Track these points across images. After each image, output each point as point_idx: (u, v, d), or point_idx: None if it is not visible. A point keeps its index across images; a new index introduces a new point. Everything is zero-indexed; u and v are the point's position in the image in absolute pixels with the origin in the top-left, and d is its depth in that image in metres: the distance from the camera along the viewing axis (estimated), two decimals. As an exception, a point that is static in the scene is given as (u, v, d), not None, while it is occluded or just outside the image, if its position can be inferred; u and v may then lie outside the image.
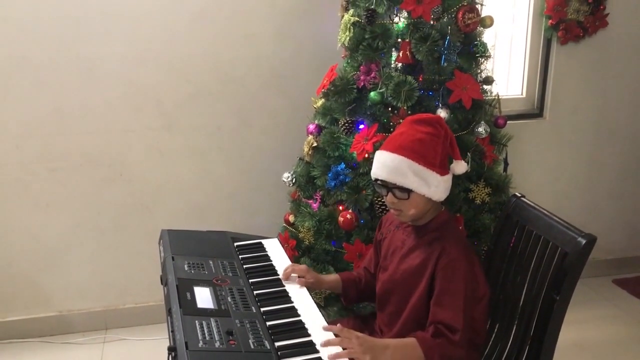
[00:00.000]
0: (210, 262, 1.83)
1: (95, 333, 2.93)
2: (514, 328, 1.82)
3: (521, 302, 1.80)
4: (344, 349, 1.47)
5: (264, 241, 2.08)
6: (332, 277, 1.96)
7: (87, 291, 2.94)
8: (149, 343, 2.84)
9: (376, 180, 1.71)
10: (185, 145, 2.86)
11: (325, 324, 1.59)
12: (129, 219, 2.89)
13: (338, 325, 1.52)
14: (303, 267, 1.85)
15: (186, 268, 1.77)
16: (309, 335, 1.53)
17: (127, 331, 2.94)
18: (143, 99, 2.77)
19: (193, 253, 1.88)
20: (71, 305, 2.94)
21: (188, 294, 1.61)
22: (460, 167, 1.75)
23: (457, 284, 1.60)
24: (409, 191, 1.64)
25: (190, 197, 2.93)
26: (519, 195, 1.92)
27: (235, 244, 2.03)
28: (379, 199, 2.24)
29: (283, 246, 2.09)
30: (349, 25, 2.33)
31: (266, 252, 2.00)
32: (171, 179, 2.89)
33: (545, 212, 1.79)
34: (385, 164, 1.65)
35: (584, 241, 1.62)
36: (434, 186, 1.63)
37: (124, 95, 2.74)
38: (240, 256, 1.94)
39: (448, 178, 1.69)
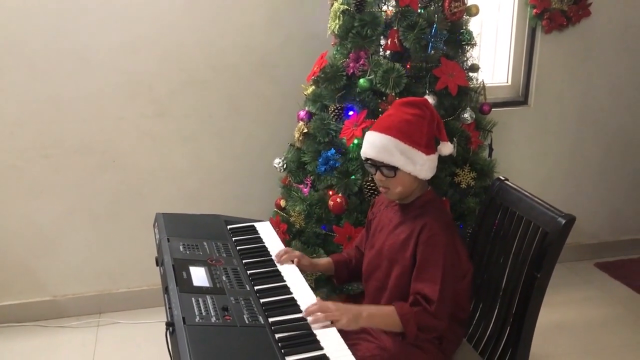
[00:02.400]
0: (205, 244, 1.89)
1: (89, 317, 2.97)
2: (497, 306, 1.88)
3: (504, 281, 1.87)
4: None
5: (256, 224, 2.14)
6: (325, 260, 2.03)
7: (81, 276, 2.98)
8: (142, 326, 2.89)
9: (366, 159, 1.78)
10: (178, 132, 2.90)
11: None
12: (123, 205, 2.93)
13: (317, 299, 1.62)
14: (296, 253, 1.92)
15: (181, 249, 1.83)
16: (301, 312, 1.59)
17: (121, 315, 2.99)
18: (136, 87, 2.80)
19: (188, 235, 1.93)
20: (65, 290, 2.98)
21: (184, 273, 1.67)
22: (446, 148, 1.82)
23: (437, 257, 1.67)
24: (395, 169, 1.71)
25: (182, 183, 2.98)
26: (503, 178, 1.99)
27: (229, 226, 2.09)
28: (368, 183, 2.30)
29: (274, 229, 2.14)
30: (338, 13, 2.38)
31: (259, 234, 2.06)
32: (164, 166, 2.93)
33: (527, 194, 1.86)
34: (373, 144, 1.72)
35: (563, 221, 1.68)
36: (419, 164, 1.71)
37: (117, 83, 2.77)
38: (233, 238, 2.00)
39: (433, 157, 1.76)
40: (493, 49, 3.24)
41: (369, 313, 1.66)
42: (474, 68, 2.49)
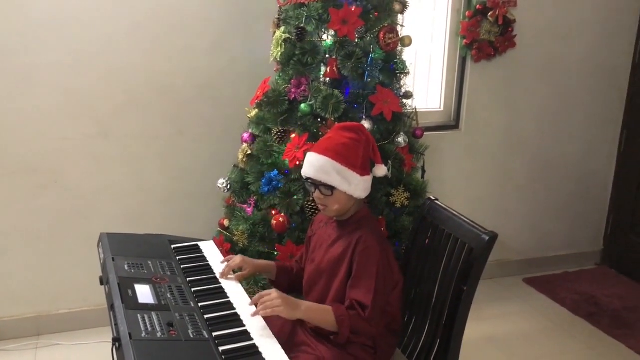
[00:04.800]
0: (150, 263, 1.93)
1: (27, 339, 2.92)
2: (429, 318, 2.00)
3: (435, 294, 1.99)
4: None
5: (200, 243, 2.19)
6: (267, 262, 2.12)
7: (20, 297, 2.93)
8: (83, 348, 2.87)
9: (307, 179, 1.90)
10: (121, 152, 2.92)
11: (260, 317, 1.71)
12: (64, 225, 2.92)
13: (257, 295, 1.73)
14: (238, 258, 1.99)
15: (126, 268, 1.86)
16: (244, 326, 1.66)
17: (60, 336, 2.95)
18: (79, 107, 2.81)
19: (132, 254, 1.97)
20: (2, 312, 2.92)
21: (129, 291, 1.71)
22: (380, 170, 1.96)
23: (371, 268, 1.79)
24: (332, 188, 1.83)
25: (125, 204, 2.99)
26: (433, 198, 2.13)
27: (173, 246, 2.13)
28: (310, 203, 2.41)
29: (218, 248, 2.21)
30: (280, 41, 2.48)
31: (202, 253, 2.11)
32: (107, 186, 2.94)
33: (455, 213, 2.01)
34: (312, 164, 1.85)
35: (487, 237, 1.82)
36: (354, 184, 1.83)
37: (60, 103, 2.77)
38: (177, 257, 2.04)
39: (368, 178, 1.89)
40: (427, 77, 3.40)
41: (307, 307, 1.77)
42: (408, 95, 2.64)
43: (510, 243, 3.67)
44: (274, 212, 2.48)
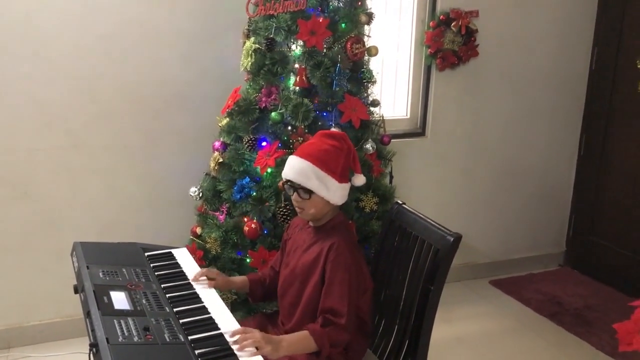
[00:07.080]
0: (124, 270, 1.96)
1: (-3, 353, 2.91)
2: (398, 319, 2.07)
3: (403, 296, 2.06)
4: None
5: (173, 251, 2.22)
6: (240, 278, 2.16)
7: (-11, 310, 2.92)
8: (55, 359, 2.85)
9: (287, 181, 1.95)
10: (93, 163, 2.93)
11: (234, 320, 1.76)
12: (35, 237, 2.90)
13: (240, 327, 1.71)
14: (213, 270, 2.03)
15: (101, 275, 1.89)
16: (219, 329, 1.70)
17: (32, 349, 2.93)
18: (50, 118, 2.81)
19: (106, 262, 1.99)
20: (-28, 326, 2.90)
21: (105, 298, 1.74)
22: (359, 179, 2.03)
23: (343, 275, 1.85)
24: (310, 192, 1.89)
25: (97, 214, 2.99)
26: (400, 202, 2.21)
27: (146, 253, 2.15)
28: (281, 209, 2.46)
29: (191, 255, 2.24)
30: (250, 51, 2.54)
31: (176, 260, 2.14)
32: (78, 196, 2.94)
33: (421, 215, 2.08)
34: (294, 167, 1.91)
35: (452, 239, 1.90)
36: (332, 190, 1.90)
37: (30, 114, 2.77)
38: (151, 264, 2.07)
39: (345, 186, 1.95)
40: (393, 85, 3.48)
41: (288, 342, 1.78)
42: (375, 103, 2.72)
43: (477, 246, 3.77)
44: (246, 219, 2.52)
